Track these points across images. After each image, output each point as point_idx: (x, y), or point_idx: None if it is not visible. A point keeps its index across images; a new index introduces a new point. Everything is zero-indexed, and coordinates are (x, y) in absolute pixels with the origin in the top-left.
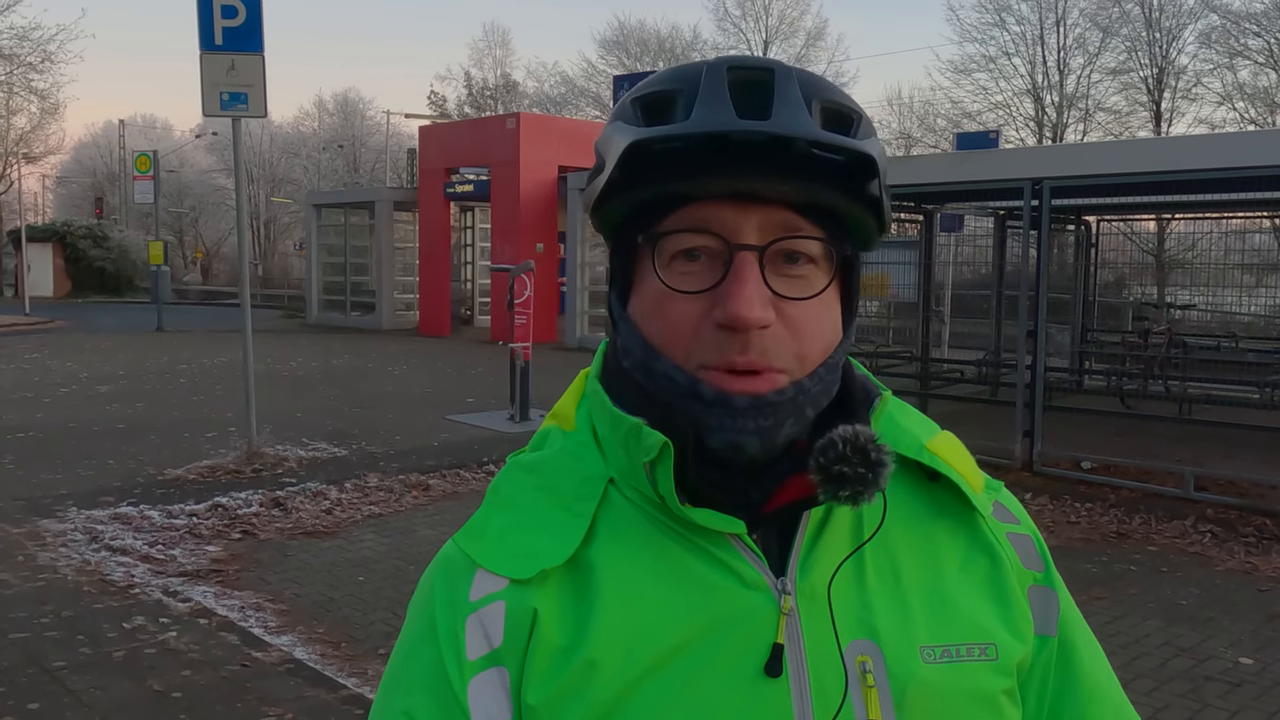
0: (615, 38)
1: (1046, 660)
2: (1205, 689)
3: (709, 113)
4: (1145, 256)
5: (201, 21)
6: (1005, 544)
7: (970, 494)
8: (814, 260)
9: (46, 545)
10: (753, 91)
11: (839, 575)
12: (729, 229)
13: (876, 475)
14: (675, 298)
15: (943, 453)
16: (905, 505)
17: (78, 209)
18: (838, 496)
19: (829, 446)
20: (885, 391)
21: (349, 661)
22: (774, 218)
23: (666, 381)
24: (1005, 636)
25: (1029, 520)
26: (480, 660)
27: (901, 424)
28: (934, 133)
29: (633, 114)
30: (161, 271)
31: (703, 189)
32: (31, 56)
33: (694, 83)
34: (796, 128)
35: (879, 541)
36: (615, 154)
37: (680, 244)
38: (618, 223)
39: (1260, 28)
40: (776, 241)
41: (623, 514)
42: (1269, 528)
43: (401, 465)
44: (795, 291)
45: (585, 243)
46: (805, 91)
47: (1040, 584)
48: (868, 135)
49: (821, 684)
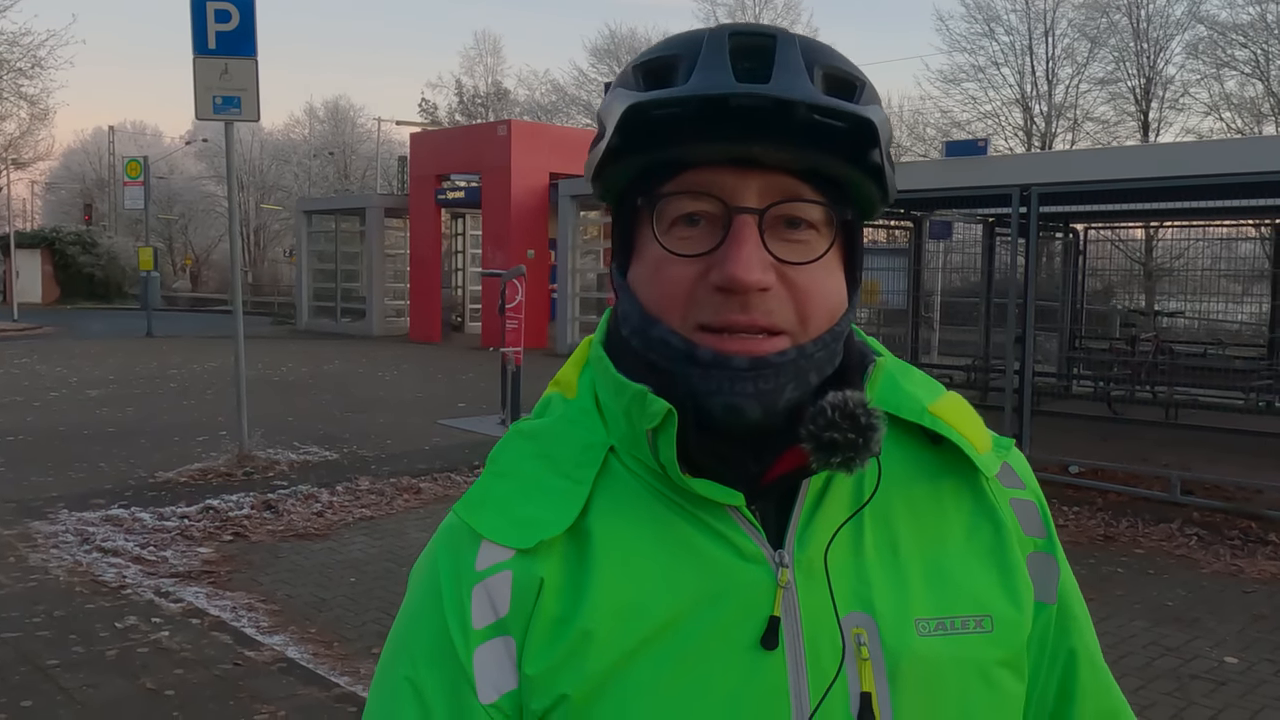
0: (606, 46)
1: (1044, 627)
2: (1191, 687)
3: (708, 76)
4: (1133, 264)
5: (195, 25)
6: (1008, 510)
7: (975, 456)
8: (815, 226)
9: (38, 547)
10: (754, 57)
11: (837, 547)
12: (728, 193)
13: (867, 440)
14: (673, 260)
15: (946, 415)
16: (907, 471)
17: (67, 215)
18: (829, 463)
19: (819, 413)
20: (882, 355)
21: (341, 660)
22: (775, 183)
23: (663, 346)
24: (1004, 606)
25: (1035, 483)
26: (486, 629)
27: (904, 387)
28: (923, 141)
29: (634, 80)
30: (151, 278)
31: (703, 154)
32: (21, 62)
33: (695, 48)
34: (797, 92)
35: (878, 513)
36: (615, 119)
37: (680, 208)
38: (619, 190)
39: (1247, 39)
40: (776, 205)
41: (622, 483)
42: (1254, 530)
43: (393, 469)
44: (796, 256)
45: (576, 249)
46: (807, 57)
47: (1042, 550)
48: (870, 102)
49: (817, 656)
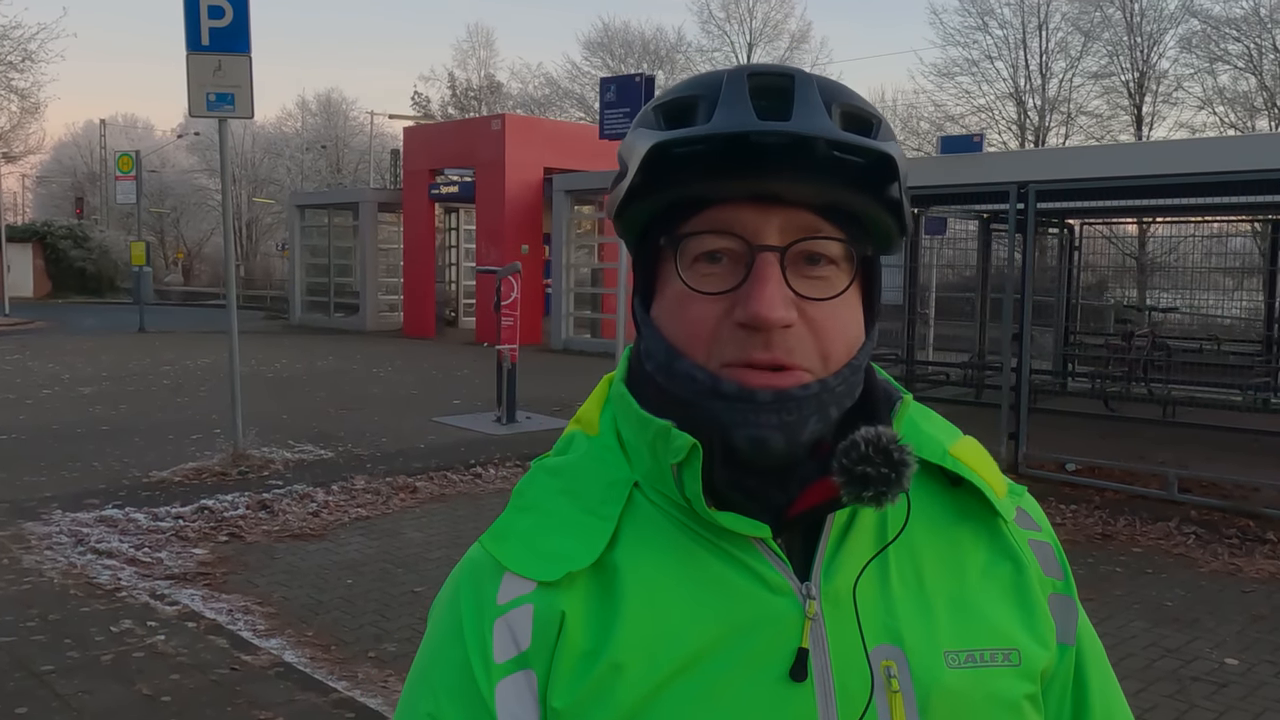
0: (600, 39)
1: (1065, 668)
2: (1191, 689)
3: (730, 115)
4: (1127, 259)
5: (188, 22)
6: (1027, 551)
7: (994, 499)
8: (835, 261)
9: (31, 548)
10: (773, 95)
11: (863, 579)
12: (750, 230)
13: (900, 475)
14: (697, 299)
15: (965, 458)
16: (928, 510)
17: (58, 209)
18: (861, 498)
19: (851, 447)
20: (906, 395)
21: (339, 664)
22: (795, 219)
23: (688, 381)
24: (1029, 642)
25: (1050, 528)
26: (508, 663)
27: (924, 429)
28: (917, 135)
29: (655, 120)
30: (143, 272)
31: (724, 191)
32: (12, 55)
33: (715, 88)
34: (817, 128)
35: (903, 546)
36: (637, 158)
37: (702, 246)
38: (641, 228)
39: (1240, 33)
40: (798, 242)
41: (648, 518)
42: (1252, 529)
43: (388, 467)
44: (817, 292)
45: (570, 245)
46: (825, 96)
47: (1060, 592)
48: (888, 138)
49: (846, 689)
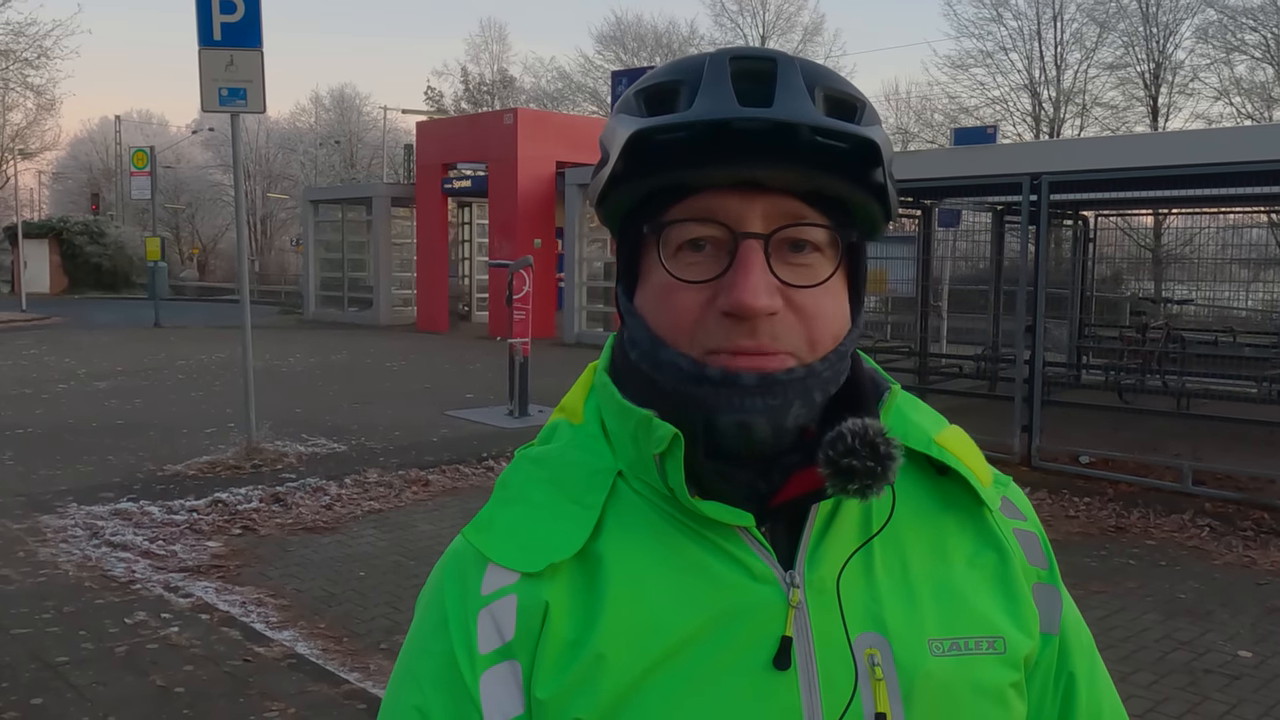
0: (612, 33)
1: (1049, 657)
2: (1204, 682)
3: (711, 101)
4: (1142, 251)
5: (200, 17)
6: (1012, 540)
7: (979, 488)
8: (819, 248)
9: (47, 541)
10: (755, 80)
11: (847, 568)
12: (734, 218)
13: (885, 469)
14: (681, 287)
15: (951, 447)
16: (913, 498)
17: (74, 205)
18: (846, 490)
19: (838, 439)
20: (894, 385)
21: (351, 656)
22: (779, 206)
23: (672, 369)
24: (1013, 631)
25: (1035, 517)
26: (492, 654)
27: (911, 418)
28: (931, 128)
29: (636, 106)
30: (159, 268)
31: (707, 178)
32: (27, 52)
33: (696, 73)
34: (799, 114)
35: (887, 534)
36: (618, 145)
37: (685, 234)
38: (623, 216)
39: (1257, 23)
40: (781, 229)
41: (631, 507)
42: (1267, 521)
43: (401, 461)
44: (801, 279)
45: (583, 238)
46: (808, 80)
47: (1044, 581)
48: (872, 123)
49: (830, 677)
